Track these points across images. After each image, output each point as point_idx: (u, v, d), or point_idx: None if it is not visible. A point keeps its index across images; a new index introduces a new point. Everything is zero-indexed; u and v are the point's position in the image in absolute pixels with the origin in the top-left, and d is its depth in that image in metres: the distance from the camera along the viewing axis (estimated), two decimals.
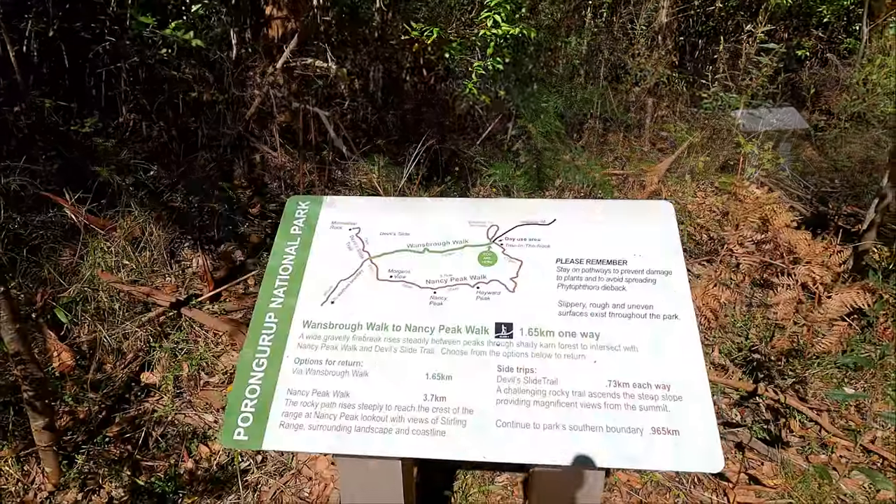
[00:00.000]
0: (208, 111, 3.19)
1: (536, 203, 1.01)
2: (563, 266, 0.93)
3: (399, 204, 1.04)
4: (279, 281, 0.94)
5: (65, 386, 1.94)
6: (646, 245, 0.94)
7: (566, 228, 0.98)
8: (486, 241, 0.98)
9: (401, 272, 0.94)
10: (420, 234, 0.99)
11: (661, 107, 3.54)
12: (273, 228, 2.72)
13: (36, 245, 2.35)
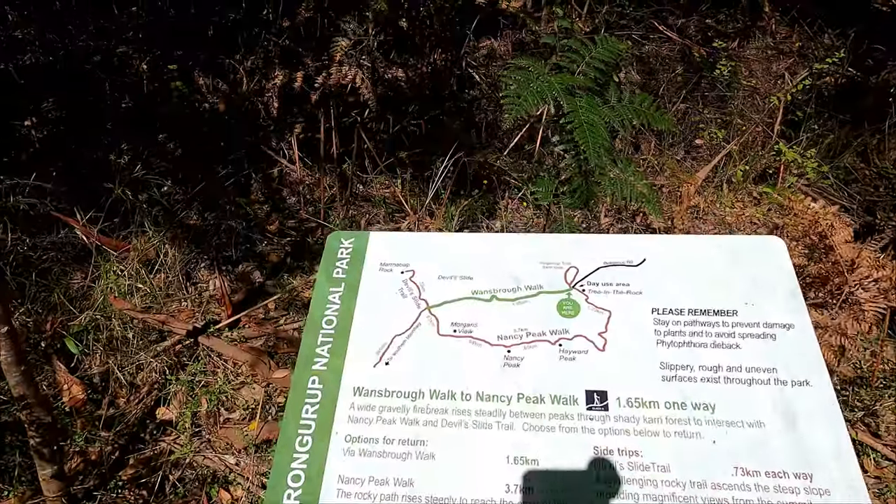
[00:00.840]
0: (224, 122, 3.07)
1: (617, 240, 0.86)
2: (661, 318, 0.78)
3: (457, 241, 0.90)
4: (322, 336, 0.80)
5: (76, 423, 1.81)
6: (757, 291, 0.79)
7: (659, 270, 0.83)
8: (566, 286, 0.83)
9: (466, 325, 0.80)
10: (485, 277, 0.85)
11: (695, 111, 3.38)
12: (293, 247, 2.59)
13: (46, 268, 2.23)
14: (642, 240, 0.87)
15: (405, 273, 0.86)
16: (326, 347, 0.79)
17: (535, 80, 1.49)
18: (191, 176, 2.93)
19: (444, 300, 0.82)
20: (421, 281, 0.85)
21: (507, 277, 0.84)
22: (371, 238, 0.90)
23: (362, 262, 0.87)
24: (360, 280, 0.85)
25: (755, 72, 3.69)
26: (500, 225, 2.59)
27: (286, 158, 2.84)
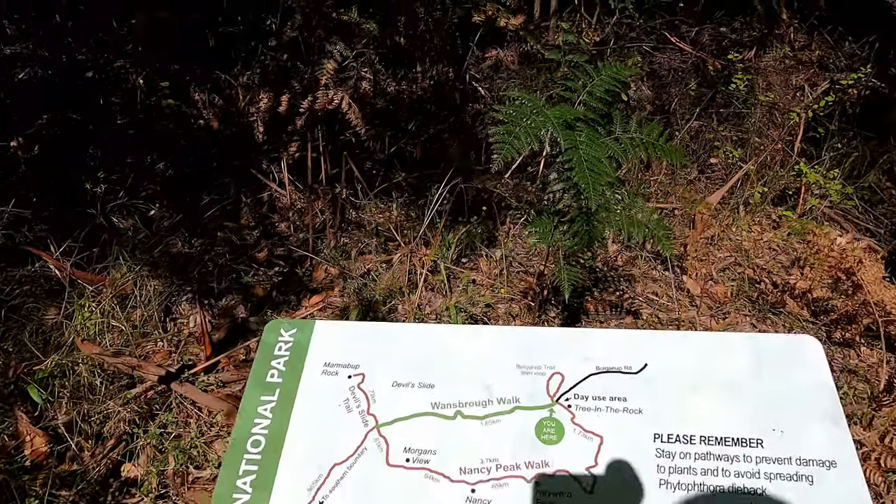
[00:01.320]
0: (217, 141, 2.95)
1: (614, 336, 0.71)
2: (666, 448, 0.63)
3: (418, 333, 0.74)
4: (246, 462, 0.65)
5: (36, 480, 1.68)
6: (788, 412, 0.63)
7: (664, 380, 0.68)
8: (548, 399, 0.68)
9: (423, 452, 0.65)
10: (450, 385, 0.69)
11: (709, 129, 3.20)
12: (284, 277, 2.45)
13: (16, 305, 2.11)
14: (645, 337, 0.71)
15: (353, 378, 0.70)
16: (250, 479, 0.64)
17: (529, 114, 1.34)
18: (179, 199, 2.81)
19: (397, 416, 0.67)
20: (371, 389, 0.69)
21: (476, 386, 0.69)
22: (316, 329, 0.75)
23: (303, 361, 0.72)
24: (298, 386, 0.70)
25: (773, 84, 3.51)
26: (500, 254, 2.43)
27: (276, 182, 2.71)
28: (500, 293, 2.26)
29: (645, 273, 2.50)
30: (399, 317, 2.15)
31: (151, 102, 3.05)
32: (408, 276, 2.24)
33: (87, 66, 3.15)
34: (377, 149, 2.87)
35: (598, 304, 2.33)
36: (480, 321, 2.19)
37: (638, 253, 2.56)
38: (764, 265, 2.60)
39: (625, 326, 2.27)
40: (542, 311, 2.23)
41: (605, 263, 2.52)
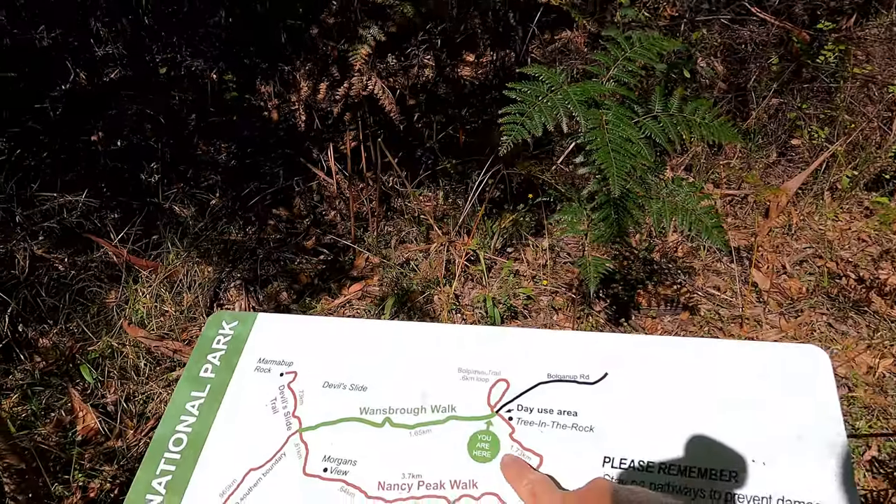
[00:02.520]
0: (274, 132, 3.02)
1: (574, 338, 0.61)
2: (616, 474, 0.52)
3: (359, 329, 0.68)
4: (164, 462, 0.61)
5: (85, 454, 1.78)
6: (776, 441, 0.51)
7: (624, 393, 0.57)
8: (487, 409, 0.59)
9: (342, 462, 0.58)
10: (383, 388, 0.62)
11: (792, 106, 2.89)
12: (328, 265, 2.46)
13: (82, 289, 2.25)
14: (610, 340, 0.61)
15: (285, 376, 0.65)
16: (165, 480, 0.60)
17: (546, 92, 1.23)
18: (236, 188, 2.90)
19: (322, 420, 0.61)
20: (301, 389, 0.64)
21: (410, 390, 0.61)
22: (257, 322, 0.71)
23: (239, 356, 0.68)
24: (229, 383, 0.66)
25: (873, 56, 3.11)
26: (547, 244, 2.32)
27: (324, 171, 2.72)
28: (543, 284, 2.15)
29: (707, 265, 2.29)
30: (435, 307, 2.10)
31: (222, 98, 3.17)
32: (446, 265, 2.18)
33: (169, 64, 3.32)
34: (426, 135, 2.82)
35: (651, 298, 2.16)
36: (521, 314, 2.09)
37: (701, 243, 2.36)
38: (850, 258, 2.32)
39: (679, 323, 2.09)
40: (586, 304, 2.10)
41: (662, 254, 2.34)
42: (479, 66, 3.25)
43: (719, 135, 1.40)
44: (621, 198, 1.33)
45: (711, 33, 3.08)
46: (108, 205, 2.73)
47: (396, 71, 3.05)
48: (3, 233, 2.35)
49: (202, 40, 3.35)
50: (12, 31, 3.15)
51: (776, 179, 2.75)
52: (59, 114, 3.07)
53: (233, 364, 0.67)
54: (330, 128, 2.50)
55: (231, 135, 3.17)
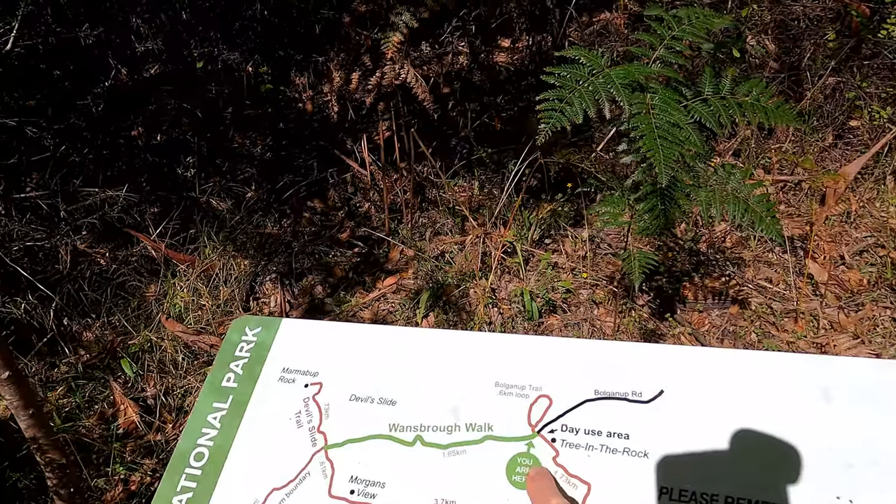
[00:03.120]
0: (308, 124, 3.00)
1: (625, 351, 0.55)
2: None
3: (388, 337, 0.63)
4: (185, 478, 0.58)
5: (126, 447, 1.80)
6: (864, 473, 0.44)
7: (684, 414, 0.51)
8: (527, 429, 0.54)
9: (370, 484, 0.54)
10: (413, 402, 0.58)
11: (850, 85, 2.71)
12: (362, 258, 2.44)
13: (122, 283, 2.28)
14: (666, 353, 0.55)
15: (310, 387, 0.61)
16: (186, 497, 0.57)
17: (587, 76, 1.15)
18: (271, 180, 2.90)
19: (349, 437, 0.57)
20: (326, 402, 0.60)
21: (443, 406, 0.56)
22: (281, 329, 0.67)
23: (262, 364, 0.64)
24: (252, 394, 0.62)
25: None
26: (587, 234, 2.23)
27: (358, 162, 2.69)
28: (583, 277, 2.07)
29: (758, 256, 2.17)
30: (471, 301, 2.05)
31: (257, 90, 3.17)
32: (482, 258, 2.12)
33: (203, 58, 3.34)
34: (461, 124, 2.76)
35: (697, 291, 2.06)
36: (559, 308, 2.02)
37: (751, 233, 2.23)
38: None
39: (728, 317, 1.99)
40: (629, 297, 2.02)
41: (709, 245, 2.22)
42: (514, 52, 3.16)
43: (776, 117, 1.30)
44: (668, 187, 1.25)
45: (762, 9, 2.91)
46: (147, 199, 2.77)
47: (430, 59, 2.99)
48: (48, 228, 2.40)
49: (238, 33, 3.35)
50: (57, 29, 3.21)
51: (833, 164, 2.58)
52: (100, 110, 3.13)
53: (256, 373, 0.63)
54: (363, 118, 2.47)
55: (266, 127, 3.18)
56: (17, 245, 2.30)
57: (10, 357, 1.25)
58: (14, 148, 2.77)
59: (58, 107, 3.02)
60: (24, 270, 2.07)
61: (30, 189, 2.68)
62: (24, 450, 1.66)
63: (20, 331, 2.02)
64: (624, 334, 1.92)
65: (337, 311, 2.13)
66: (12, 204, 2.46)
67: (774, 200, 2.38)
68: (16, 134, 2.81)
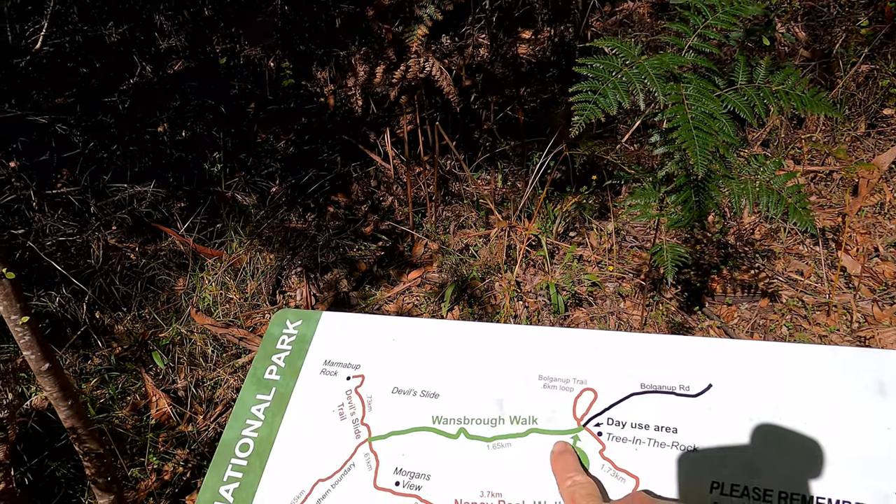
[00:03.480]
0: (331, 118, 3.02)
1: (671, 344, 0.54)
2: (727, 500, 0.46)
3: (428, 329, 0.64)
4: (231, 469, 0.59)
5: (159, 437, 1.84)
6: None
7: (734, 408, 0.50)
8: (573, 423, 0.54)
9: (415, 476, 0.54)
10: (456, 395, 0.58)
11: (884, 73, 2.64)
12: (386, 251, 2.44)
13: (152, 277, 2.32)
14: (714, 346, 0.54)
15: (352, 380, 0.62)
16: (233, 487, 0.58)
17: (620, 67, 1.14)
18: (295, 175, 2.92)
19: (392, 429, 0.57)
20: (369, 394, 0.60)
21: (486, 399, 0.56)
22: (322, 321, 0.67)
23: (304, 357, 0.65)
24: (294, 386, 0.63)
25: None
26: (613, 227, 2.21)
27: (381, 156, 2.70)
28: (609, 270, 2.06)
29: (788, 248, 2.13)
30: (496, 295, 2.04)
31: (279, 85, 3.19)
32: (506, 251, 2.12)
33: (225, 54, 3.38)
34: (484, 117, 2.74)
35: (726, 284, 2.04)
36: (585, 302, 2.01)
37: (780, 224, 2.19)
38: None
39: (758, 310, 1.96)
40: (656, 290, 2.00)
41: (738, 237, 2.19)
42: (536, 44, 3.13)
43: (812, 106, 1.27)
44: (703, 179, 1.23)
45: None
46: (174, 194, 2.80)
47: (451, 51, 2.98)
48: (79, 223, 2.45)
49: (259, 28, 3.37)
50: (83, 27, 3.26)
51: (866, 153, 2.52)
52: (127, 107, 3.18)
53: (298, 366, 0.64)
54: (385, 112, 2.47)
55: (288, 122, 3.20)
56: (50, 240, 2.35)
57: (49, 350, 1.28)
58: (45, 145, 2.83)
59: (86, 104, 3.07)
60: (58, 265, 2.12)
61: (61, 185, 2.73)
62: (63, 439, 1.70)
63: (55, 324, 2.06)
64: (651, 328, 1.90)
65: (362, 305, 2.14)
66: (45, 200, 2.51)
67: (805, 192, 2.33)
68: (47, 131, 2.87)
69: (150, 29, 3.45)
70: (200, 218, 2.49)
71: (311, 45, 3.23)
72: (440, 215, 2.42)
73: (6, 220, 2.33)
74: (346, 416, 0.59)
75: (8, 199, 2.35)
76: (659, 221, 1.58)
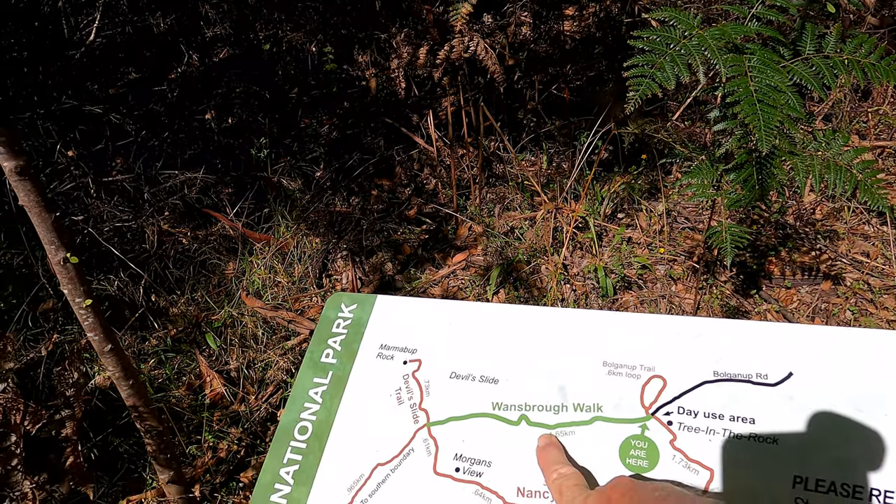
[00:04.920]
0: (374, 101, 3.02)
1: (746, 329, 0.51)
2: (811, 498, 0.43)
3: (484, 314, 0.62)
4: (291, 451, 0.60)
5: (214, 416, 1.89)
6: None
7: (817, 397, 0.47)
8: (641, 411, 0.52)
9: (476, 462, 0.53)
10: (516, 381, 0.56)
11: None
12: (430, 234, 2.44)
13: (204, 261, 2.38)
14: (793, 332, 0.51)
15: (409, 364, 0.61)
16: (293, 469, 0.58)
17: (679, 39, 1.08)
18: (339, 159, 2.94)
19: (451, 415, 0.56)
20: (426, 379, 0.59)
21: (548, 385, 0.55)
22: (377, 305, 0.67)
23: (360, 341, 0.64)
24: (351, 369, 0.63)
25: None
26: (663, 208, 2.15)
27: (423, 138, 2.68)
28: (660, 252, 1.99)
29: (853, 228, 2.02)
30: (542, 278, 2.01)
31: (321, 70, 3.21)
32: (553, 233, 2.08)
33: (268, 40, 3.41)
34: (529, 97, 2.69)
35: (784, 266, 1.95)
36: (635, 285, 1.96)
37: (844, 203, 2.08)
38: None
39: (820, 294, 1.87)
40: (709, 273, 1.93)
41: (797, 217, 2.09)
42: (580, 20, 3.04)
43: (885, 75, 1.19)
44: (767, 156, 1.17)
45: None
46: (222, 180, 2.86)
47: (493, 30, 2.92)
48: (133, 210, 2.53)
49: (301, 14, 3.39)
50: (133, 18, 3.34)
51: None
52: (175, 95, 3.25)
53: (354, 350, 0.63)
54: (427, 94, 2.45)
55: (331, 106, 3.22)
56: (107, 226, 2.43)
57: (111, 331, 1.33)
58: (101, 134, 2.92)
59: (137, 93, 3.16)
60: (115, 250, 2.19)
61: (116, 173, 2.82)
62: (125, 417, 1.77)
63: (114, 306, 2.14)
64: (705, 312, 1.84)
65: (407, 289, 2.14)
66: (101, 187, 2.60)
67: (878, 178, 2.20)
68: (101, 121, 2.96)
69: (196, 18, 3.50)
70: (248, 203, 2.54)
71: (353, 28, 3.23)
72: (484, 198, 2.39)
73: (66, 206, 2.43)
74: (404, 401, 0.58)
75: (68, 187, 2.44)
76: (715, 201, 1.52)
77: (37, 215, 1.10)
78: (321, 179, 2.84)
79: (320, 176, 2.87)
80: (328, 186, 2.77)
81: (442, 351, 0.60)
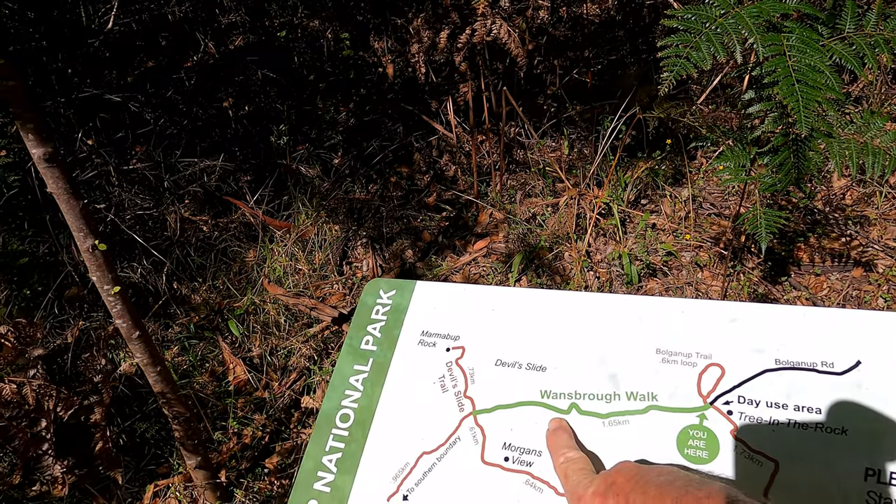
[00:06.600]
0: (391, 87, 2.99)
1: (808, 315, 0.49)
2: (884, 492, 0.42)
3: (533, 300, 0.61)
4: (333, 439, 0.59)
5: (238, 402, 1.91)
6: None
7: (887, 385, 0.45)
8: (698, 400, 0.50)
9: (525, 452, 0.52)
10: (564, 368, 0.55)
11: None
12: (450, 221, 2.42)
13: (224, 248, 2.38)
14: (860, 318, 0.48)
15: (452, 351, 0.59)
16: (336, 457, 0.57)
17: (715, 18, 1.05)
18: (357, 146, 2.92)
19: (498, 403, 0.55)
20: (471, 367, 0.58)
21: (598, 373, 0.53)
22: (417, 291, 0.65)
23: (400, 328, 0.63)
24: (392, 356, 0.62)
25: None
26: (688, 193, 2.11)
27: (443, 124, 2.65)
28: (685, 239, 1.96)
29: (884, 214, 1.97)
30: (565, 264, 1.99)
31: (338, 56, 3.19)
32: (576, 219, 2.05)
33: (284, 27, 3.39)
34: (549, 81, 2.65)
35: (814, 253, 1.91)
36: (660, 271, 1.93)
37: (876, 188, 2.03)
38: None
39: (851, 281, 1.83)
40: (737, 260, 1.89)
41: (826, 202, 2.04)
42: (601, 2, 2.98)
43: None
44: (805, 138, 1.13)
45: None
46: (241, 167, 2.86)
47: (511, 14, 2.88)
48: (154, 198, 2.54)
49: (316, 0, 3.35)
50: (149, 5, 3.33)
51: None
52: (193, 83, 3.24)
53: (394, 336, 0.62)
54: (445, 80, 2.42)
55: (348, 93, 3.20)
56: (129, 214, 2.44)
57: (139, 319, 1.33)
58: (120, 122, 2.93)
59: (155, 82, 3.16)
60: (138, 237, 2.20)
61: (136, 161, 2.83)
62: (152, 404, 1.79)
63: (137, 294, 2.16)
64: (733, 299, 1.81)
65: (428, 276, 2.13)
66: (123, 175, 2.61)
67: None
68: (121, 109, 2.97)
69: (211, 5, 3.48)
70: (268, 190, 2.53)
71: (368, 14, 3.19)
72: (505, 184, 2.37)
73: (89, 195, 2.44)
74: (448, 389, 0.57)
75: (90, 175, 2.45)
76: (745, 186, 1.48)
77: (65, 202, 1.10)
78: (340, 166, 2.83)
79: (339, 163, 2.86)
80: (347, 173, 2.76)
81: (486, 338, 0.59)
